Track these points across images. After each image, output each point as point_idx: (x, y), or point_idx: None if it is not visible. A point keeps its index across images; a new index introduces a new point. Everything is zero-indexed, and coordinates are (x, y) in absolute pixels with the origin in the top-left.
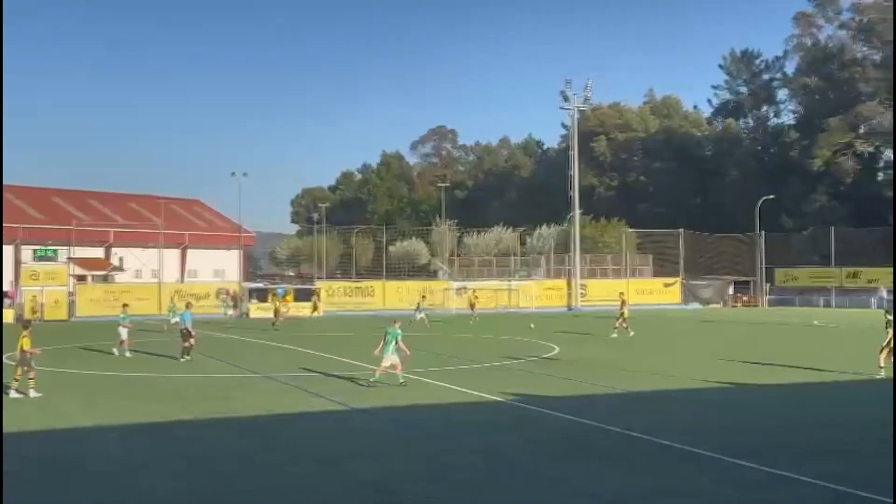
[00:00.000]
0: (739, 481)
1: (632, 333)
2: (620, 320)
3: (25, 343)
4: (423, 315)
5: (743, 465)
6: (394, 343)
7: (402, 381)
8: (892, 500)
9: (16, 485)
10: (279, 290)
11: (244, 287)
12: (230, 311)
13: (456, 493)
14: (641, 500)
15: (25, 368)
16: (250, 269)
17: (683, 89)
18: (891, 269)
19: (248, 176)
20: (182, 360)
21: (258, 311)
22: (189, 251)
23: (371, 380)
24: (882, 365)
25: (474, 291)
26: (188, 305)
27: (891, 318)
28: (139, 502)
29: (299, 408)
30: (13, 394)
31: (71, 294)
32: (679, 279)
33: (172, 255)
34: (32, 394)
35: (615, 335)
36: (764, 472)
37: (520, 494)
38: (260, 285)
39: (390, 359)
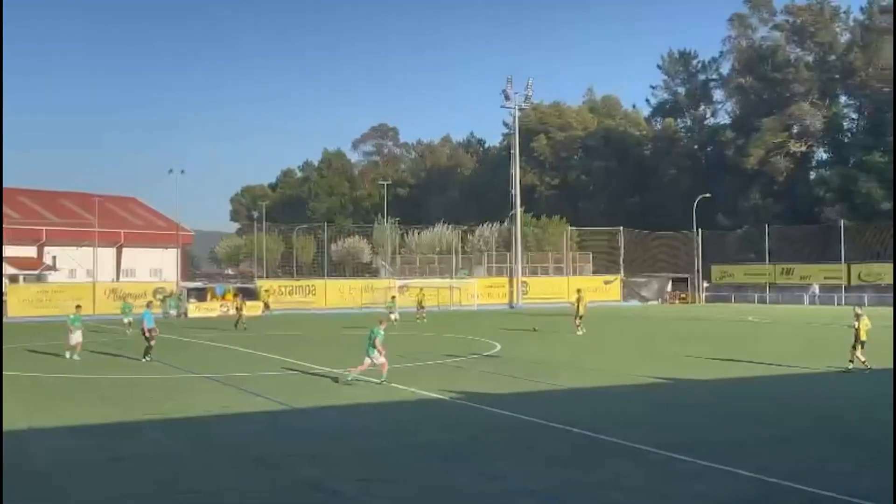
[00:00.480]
0: (674, 474)
1: (580, 332)
2: (578, 319)
3: None
4: (396, 315)
5: (678, 459)
6: (374, 342)
7: (382, 380)
8: (836, 494)
9: None
10: (218, 290)
11: (182, 286)
12: (172, 311)
13: (393, 492)
14: (579, 496)
15: None
16: (189, 268)
17: (623, 89)
18: (823, 266)
19: (186, 173)
20: (144, 360)
21: (197, 310)
22: (125, 250)
23: (349, 378)
24: (863, 359)
25: (422, 290)
26: (149, 305)
27: (860, 312)
28: None
29: (239, 408)
30: None
31: (3, 294)
32: (619, 277)
33: (107, 254)
34: None
35: (581, 332)
36: (699, 465)
37: (458, 492)
38: (199, 285)
39: (375, 359)
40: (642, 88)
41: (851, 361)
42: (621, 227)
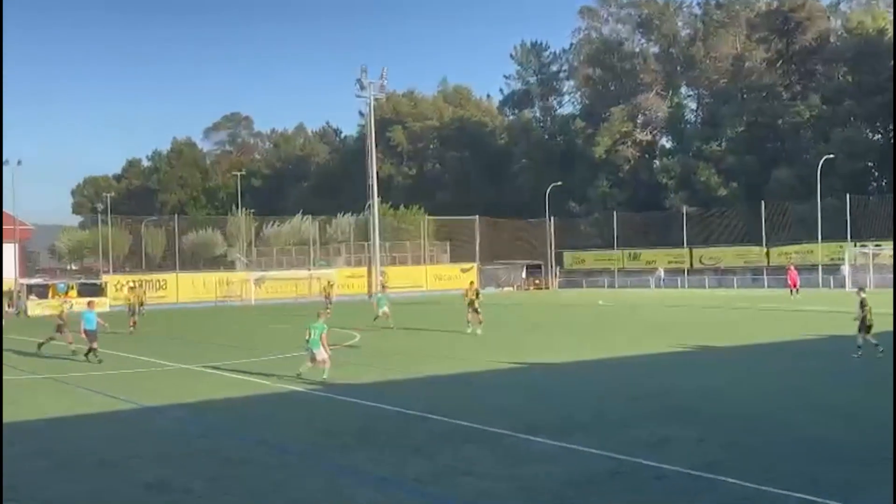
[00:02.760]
0: (527, 456)
1: (472, 332)
2: (473, 312)
3: None
4: (385, 309)
5: (533, 441)
6: (319, 337)
7: (325, 376)
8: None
9: None
10: (60, 286)
11: (21, 283)
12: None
13: (241, 488)
14: (430, 483)
15: None
16: (27, 263)
17: (476, 79)
18: (667, 251)
19: (23, 164)
20: (94, 362)
21: (38, 308)
22: None
23: (299, 371)
24: (875, 341)
25: (329, 282)
26: (90, 304)
27: (864, 296)
28: None
29: (81, 409)
30: None
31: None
32: (475, 264)
33: None
34: None
35: (474, 331)
36: (552, 446)
37: (306, 484)
38: (39, 281)
39: (319, 353)
40: (495, 79)
41: (860, 347)
42: (476, 216)
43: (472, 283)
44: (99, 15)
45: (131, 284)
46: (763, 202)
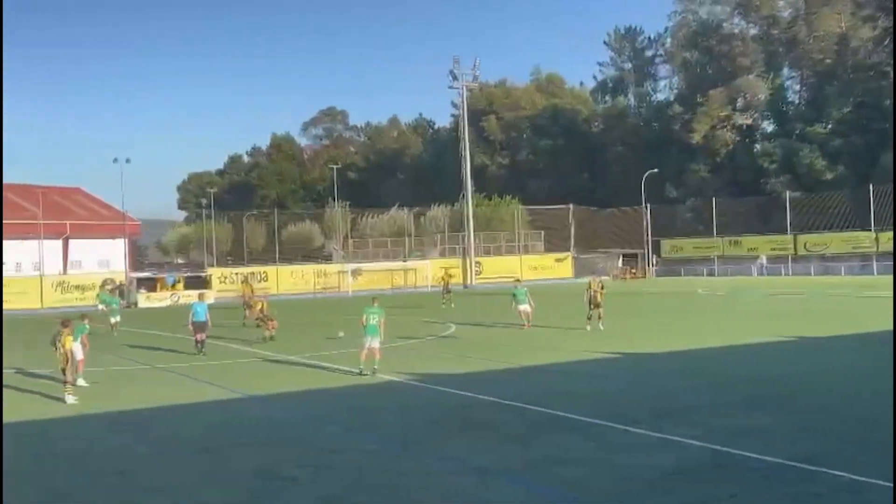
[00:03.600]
0: (624, 446)
1: (593, 327)
2: (595, 307)
3: (68, 342)
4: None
5: (630, 431)
6: (378, 323)
7: (376, 367)
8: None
9: None
10: (168, 279)
11: (131, 277)
12: (101, 307)
13: (343, 476)
14: (527, 471)
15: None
16: (137, 258)
17: (567, 66)
18: (769, 238)
19: (132, 162)
20: (201, 354)
21: (148, 301)
22: (71, 241)
23: (360, 368)
24: None
25: (447, 271)
26: (200, 296)
27: None
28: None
29: (190, 398)
30: (69, 399)
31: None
32: (570, 254)
33: (54, 246)
34: (67, 399)
35: (602, 326)
36: (650, 437)
37: (406, 473)
38: (148, 274)
39: (375, 341)
40: (588, 65)
41: None
42: (571, 205)
43: (600, 282)
44: (203, 13)
45: (243, 277)
46: (871, 186)
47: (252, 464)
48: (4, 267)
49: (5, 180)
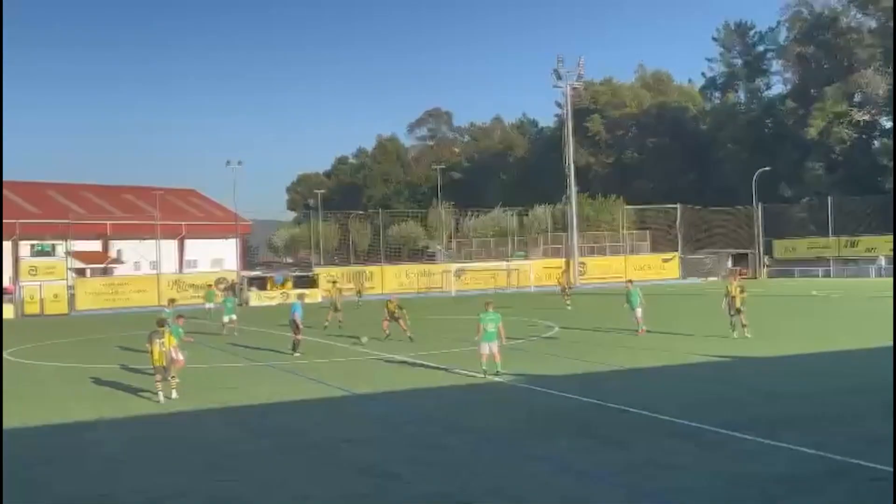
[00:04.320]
0: (729, 453)
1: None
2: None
3: (171, 341)
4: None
5: (736, 437)
6: (496, 329)
7: (499, 369)
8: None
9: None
10: (277, 278)
11: (242, 276)
12: (209, 305)
13: (444, 473)
14: (627, 474)
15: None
16: (248, 257)
17: (674, 63)
18: (889, 237)
19: (243, 164)
20: (295, 354)
21: (258, 299)
22: (187, 241)
23: (484, 370)
24: None
25: (563, 271)
26: (300, 297)
27: None
28: (128, 494)
29: (298, 395)
30: (162, 398)
31: (70, 288)
32: (677, 254)
33: (170, 245)
34: (173, 395)
35: (749, 334)
36: (756, 443)
37: (506, 473)
38: (258, 274)
39: (493, 346)
40: (696, 62)
41: None
42: (678, 204)
43: (739, 285)
44: (310, 20)
45: (332, 279)
46: None
47: (357, 460)
48: (124, 265)
49: (123, 181)
